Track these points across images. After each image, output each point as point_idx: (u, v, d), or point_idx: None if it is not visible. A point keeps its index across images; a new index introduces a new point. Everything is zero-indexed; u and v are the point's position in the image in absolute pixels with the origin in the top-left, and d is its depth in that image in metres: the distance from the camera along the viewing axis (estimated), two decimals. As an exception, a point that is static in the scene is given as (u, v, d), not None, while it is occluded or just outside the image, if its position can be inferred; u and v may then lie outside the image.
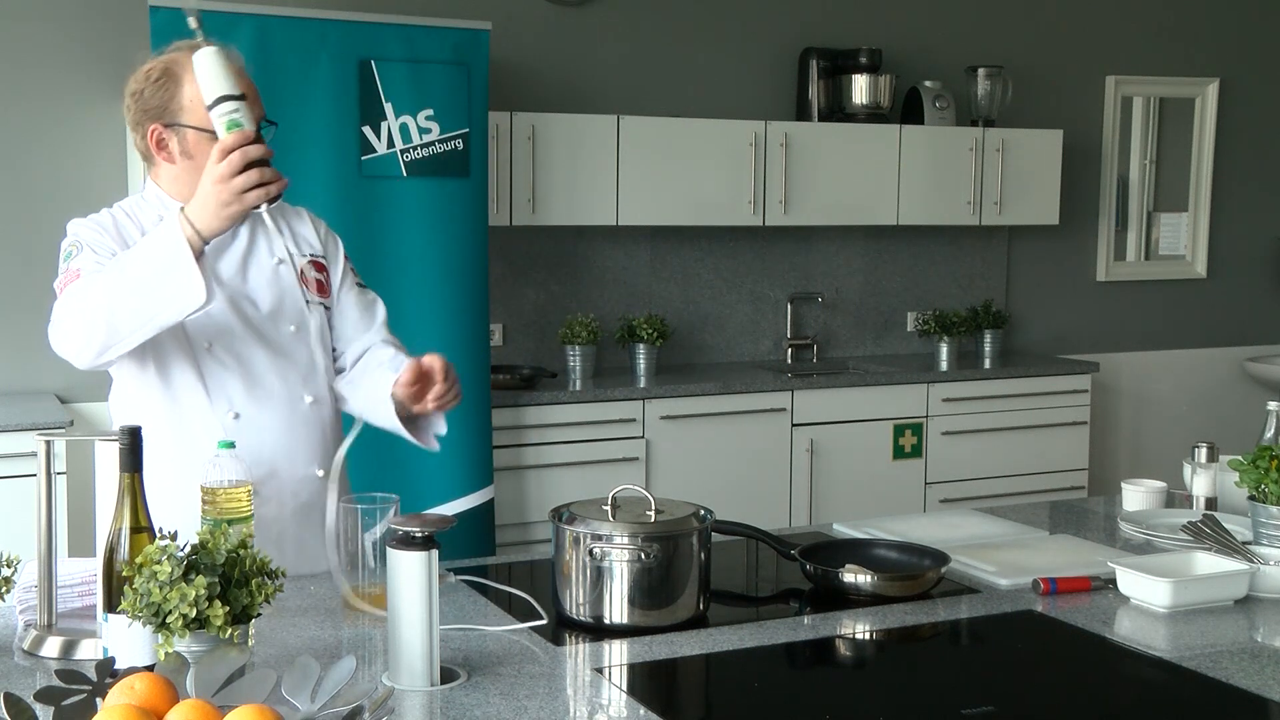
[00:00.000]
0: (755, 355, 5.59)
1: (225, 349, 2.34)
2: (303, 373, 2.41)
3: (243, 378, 2.35)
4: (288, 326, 2.40)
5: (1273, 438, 2.64)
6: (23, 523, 3.21)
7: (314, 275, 2.46)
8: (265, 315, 2.38)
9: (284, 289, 2.40)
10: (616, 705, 1.78)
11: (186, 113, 2.30)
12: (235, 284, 2.36)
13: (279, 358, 2.38)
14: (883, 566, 2.27)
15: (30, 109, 4.42)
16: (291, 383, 2.39)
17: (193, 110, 2.28)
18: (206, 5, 3.98)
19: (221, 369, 2.34)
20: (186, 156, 2.32)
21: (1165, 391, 6.35)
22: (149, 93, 2.32)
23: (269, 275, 2.39)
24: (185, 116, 2.30)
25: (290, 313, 2.40)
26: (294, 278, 2.41)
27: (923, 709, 1.78)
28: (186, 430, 2.32)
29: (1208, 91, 6.31)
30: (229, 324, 2.34)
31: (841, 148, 5.26)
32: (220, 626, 1.66)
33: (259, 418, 2.35)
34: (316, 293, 2.45)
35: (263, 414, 2.36)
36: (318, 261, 2.47)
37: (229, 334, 2.34)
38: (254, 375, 2.36)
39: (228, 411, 2.33)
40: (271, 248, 2.40)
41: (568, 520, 2.08)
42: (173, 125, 2.31)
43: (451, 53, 4.33)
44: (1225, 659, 1.93)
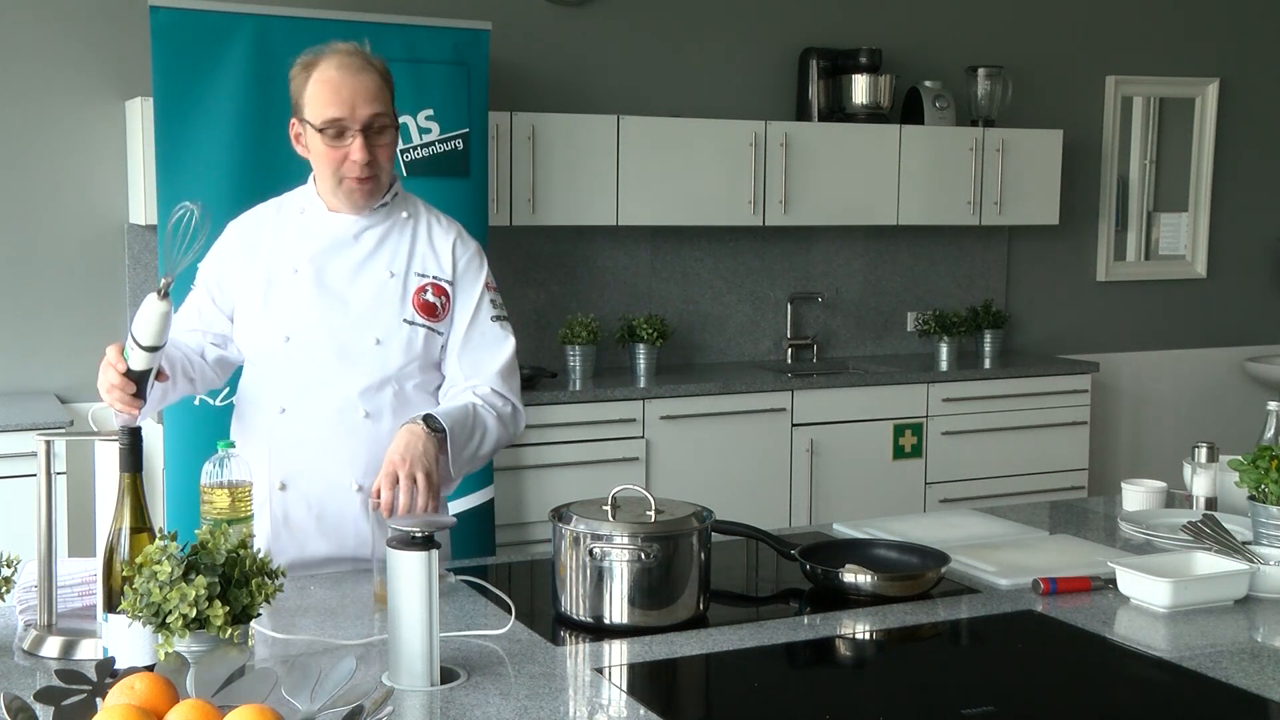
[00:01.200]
0: (755, 355, 5.59)
1: (299, 344, 2.39)
2: (367, 386, 2.39)
3: (302, 376, 2.39)
4: (371, 338, 2.40)
5: (1273, 438, 2.64)
6: (23, 523, 3.21)
7: (428, 297, 2.45)
8: (350, 320, 2.40)
9: (382, 302, 2.41)
10: (616, 705, 1.78)
11: (306, 108, 2.36)
12: (338, 287, 2.41)
13: (349, 366, 2.39)
14: (883, 566, 2.27)
15: (30, 109, 4.42)
16: (348, 393, 2.38)
17: (309, 105, 2.35)
18: (207, 5, 3.99)
19: (287, 362, 2.40)
20: (308, 150, 2.40)
21: (1165, 391, 6.35)
22: (293, 87, 2.40)
23: (375, 285, 2.42)
24: (306, 111, 2.37)
25: (379, 325, 2.40)
26: (399, 294, 2.43)
27: (923, 709, 1.78)
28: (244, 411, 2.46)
29: (1208, 91, 6.31)
30: (313, 322, 2.39)
31: (841, 148, 5.26)
32: (220, 626, 1.66)
33: (302, 418, 2.39)
34: (423, 314, 2.44)
35: (307, 415, 2.39)
36: (439, 285, 2.46)
37: (308, 331, 2.39)
38: (313, 376, 2.39)
39: (277, 405, 2.40)
40: (392, 262, 2.44)
41: (568, 520, 2.08)
42: (302, 120, 2.38)
43: (451, 53, 4.32)
44: (1225, 659, 1.93)
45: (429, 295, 2.45)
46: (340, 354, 2.39)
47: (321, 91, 2.33)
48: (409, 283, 2.44)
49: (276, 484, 2.38)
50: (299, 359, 2.39)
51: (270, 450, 2.39)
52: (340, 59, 2.35)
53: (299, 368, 2.39)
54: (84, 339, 4.49)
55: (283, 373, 2.40)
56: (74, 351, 4.48)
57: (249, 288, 2.43)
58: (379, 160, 2.37)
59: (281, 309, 2.40)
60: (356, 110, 2.33)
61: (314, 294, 2.40)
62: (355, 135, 2.33)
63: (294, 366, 2.39)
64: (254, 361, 2.45)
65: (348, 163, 2.35)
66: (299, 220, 2.45)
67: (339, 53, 2.36)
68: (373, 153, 2.34)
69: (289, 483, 2.39)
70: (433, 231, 2.50)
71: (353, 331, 2.40)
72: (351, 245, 2.43)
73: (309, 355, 2.39)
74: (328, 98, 2.32)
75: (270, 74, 4.01)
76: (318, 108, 2.33)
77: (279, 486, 2.39)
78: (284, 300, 2.41)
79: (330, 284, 2.41)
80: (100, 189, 4.51)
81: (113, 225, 4.52)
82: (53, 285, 4.47)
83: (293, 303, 2.40)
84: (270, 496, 2.37)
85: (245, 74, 3.99)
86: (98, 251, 4.51)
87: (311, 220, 2.45)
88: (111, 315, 4.53)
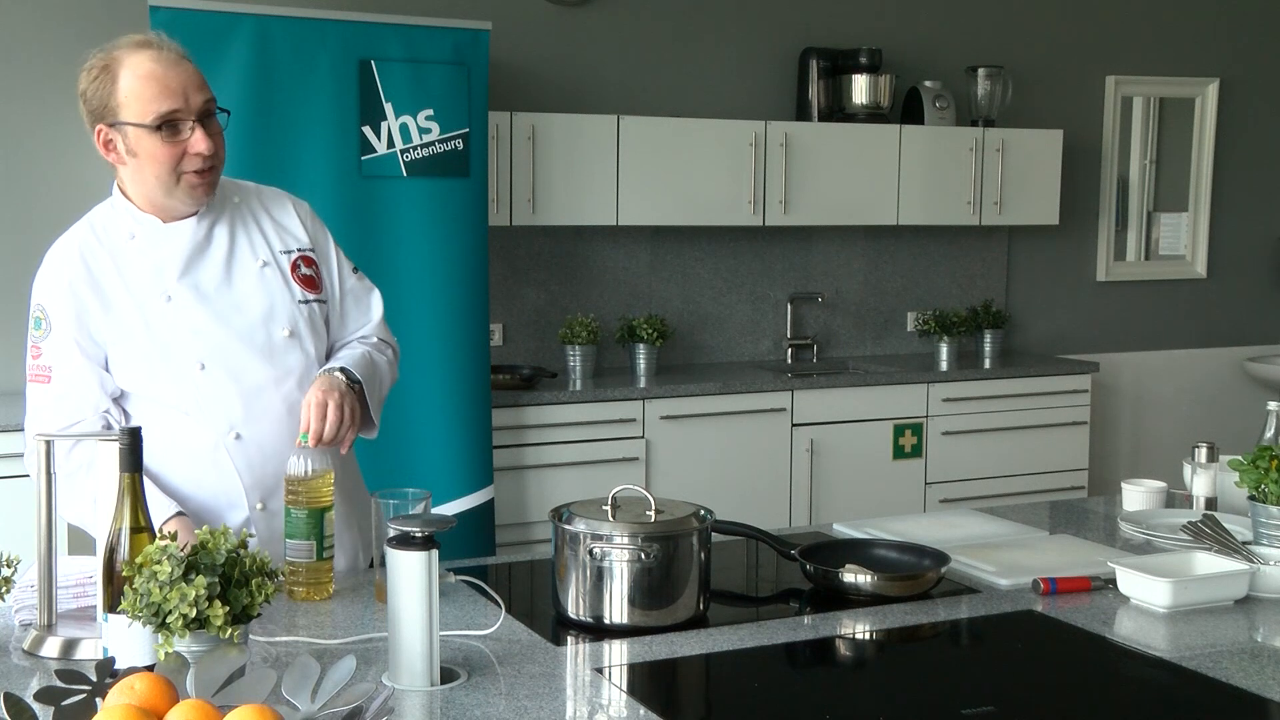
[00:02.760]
0: (755, 355, 5.59)
1: (219, 366, 2.25)
2: (299, 377, 2.30)
3: (240, 395, 2.26)
4: (280, 331, 2.30)
5: (1273, 438, 2.64)
6: (23, 523, 3.21)
7: (304, 271, 2.35)
8: (256, 323, 2.29)
9: (272, 292, 2.31)
10: (616, 705, 1.78)
11: (125, 109, 2.18)
12: (221, 294, 2.28)
13: (273, 366, 2.29)
14: (883, 566, 2.27)
15: (29, 109, 4.42)
16: (288, 390, 2.29)
17: (129, 106, 2.17)
18: (207, 5, 3.99)
19: (216, 388, 2.25)
20: (133, 155, 2.22)
21: (1165, 391, 6.35)
22: (91, 93, 2.20)
23: (255, 279, 2.30)
24: (124, 113, 2.18)
25: (281, 316, 2.31)
26: (280, 278, 2.33)
27: (923, 709, 1.78)
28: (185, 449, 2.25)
29: (1208, 91, 6.31)
30: (220, 339, 2.26)
31: (841, 148, 5.26)
32: (220, 626, 1.66)
33: (260, 435, 2.27)
34: (307, 289, 2.35)
35: (263, 430, 2.27)
36: (306, 256, 2.37)
37: (221, 350, 2.26)
38: (250, 389, 2.26)
39: (229, 432, 2.26)
40: (254, 249, 2.32)
41: (568, 520, 2.08)
42: (115, 124, 2.20)
43: (451, 53, 4.33)
44: (1225, 659, 1.93)
45: (304, 269, 2.35)
46: (264, 359, 2.28)
47: (145, 87, 2.16)
48: (282, 264, 2.33)
49: (257, 506, 2.29)
50: (225, 379, 2.25)
51: (241, 476, 2.27)
52: (151, 52, 2.18)
53: (230, 388, 2.25)
54: (84, 339, 4.49)
55: (216, 398, 2.24)
56: (74, 351, 4.48)
57: (117, 331, 2.24)
58: (219, 150, 2.23)
59: (177, 339, 2.24)
60: (190, 99, 2.18)
61: (203, 312, 2.25)
62: (194, 126, 2.18)
63: (224, 389, 2.25)
64: (165, 399, 2.25)
65: (188, 157, 2.19)
66: (133, 245, 2.27)
67: (146, 44, 2.19)
68: (213, 142, 2.20)
69: (267, 500, 2.29)
70: (269, 205, 2.38)
71: (262, 332, 2.28)
72: (208, 249, 2.29)
73: (234, 372, 2.26)
74: (155, 92, 2.16)
75: (270, 74, 4.02)
76: (144, 104, 2.15)
77: (259, 508, 2.29)
78: (175, 330, 2.24)
79: (211, 295, 2.27)
80: (100, 189, 4.49)
81: (113, 225, 4.52)
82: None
83: (186, 329, 2.25)
84: (252, 521, 2.29)
85: (245, 74, 3.99)
86: (98, 251, 4.51)
87: (148, 242, 2.27)
88: (111, 315, 4.53)
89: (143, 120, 2.17)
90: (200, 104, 2.20)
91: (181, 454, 2.26)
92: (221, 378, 2.25)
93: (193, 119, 2.19)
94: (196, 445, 2.26)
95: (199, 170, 2.21)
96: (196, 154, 2.19)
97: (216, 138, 2.22)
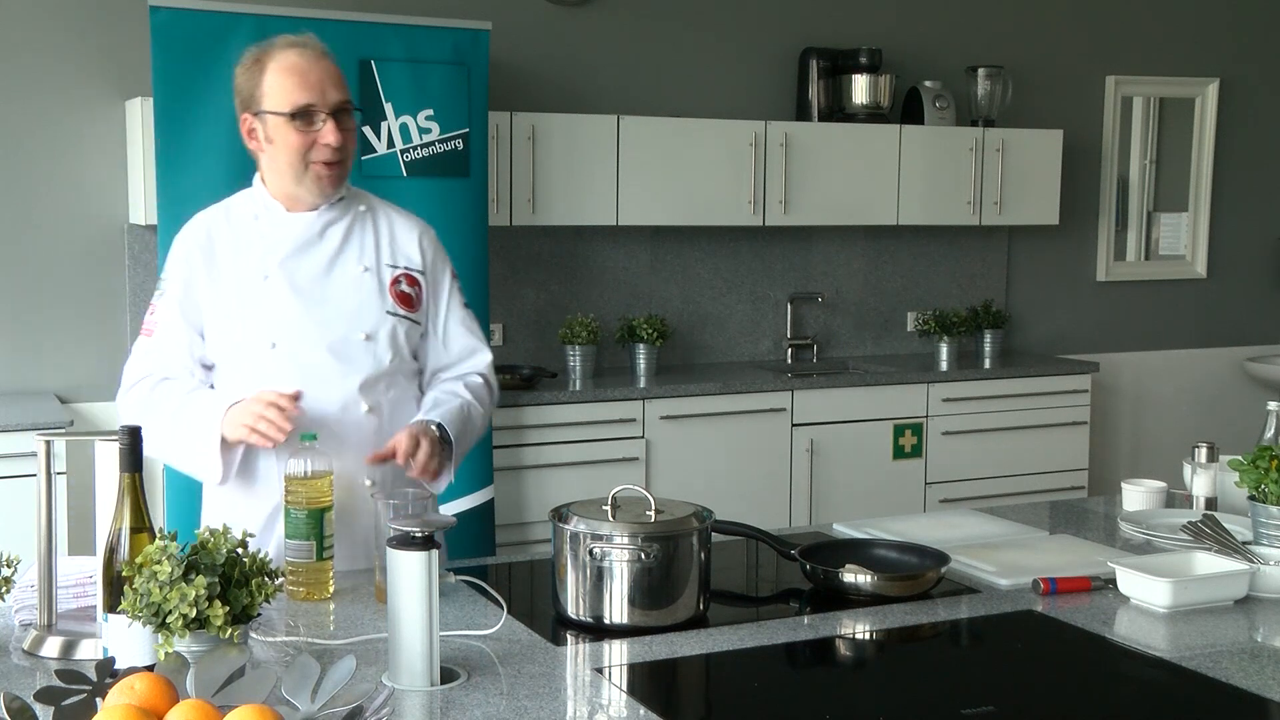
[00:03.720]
0: (755, 355, 5.59)
1: (288, 350, 2.37)
2: (363, 380, 2.40)
3: (301, 380, 2.35)
4: (358, 334, 2.41)
5: (1273, 438, 2.64)
6: (23, 523, 3.21)
7: (404, 288, 2.47)
8: (337, 318, 2.40)
9: (364, 296, 2.42)
10: (616, 705, 1.78)
11: (267, 98, 2.34)
12: (314, 286, 2.40)
13: (341, 362, 2.39)
14: (883, 566, 2.27)
15: (30, 109, 4.42)
16: (350, 389, 2.39)
17: (270, 95, 2.34)
18: (207, 5, 3.99)
19: (279, 370, 2.36)
20: (269, 142, 2.37)
21: (1165, 391, 6.35)
22: (241, 83, 2.38)
23: (351, 280, 2.42)
24: (266, 102, 2.34)
25: (365, 320, 2.42)
26: (377, 286, 2.43)
27: (923, 709, 1.78)
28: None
29: (1208, 91, 6.31)
30: (297, 325, 2.38)
31: (841, 148, 5.26)
32: (220, 626, 1.66)
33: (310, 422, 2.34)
34: (401, 304, 2.46)
35: (312, 418, 2.35)
36: (412, 276, 2.49)
37: (295, 335, 2.37)
38: (311, 378, 2.36)
39: None
40: (361, 255, 2.44)
41: (568, 520, 2.08)
42: (258, 113, 2.36)
43: (451, 53, 4.32)
44: (1225, 659, 1.93)
45: (404, 286, 2.47)
46: (333, 353, 2.39)
47: (286, 79, 2.33)
48: (383, 275, 2.45)
49: None
50: (289, 364, 2.36)
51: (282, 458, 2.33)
52: (298, 49, 2.36)
53: (290, 373, 2.36)
54: (84, 339, 4.49)
55: (276, 379, 2.35)
56: (74, 351, 4.48)
57: (216, 301, 2.40)
58: (348, 145, 2.39)
59: (260, 317, 2.37)
60: (326, 94, 2.35)
61: (291, 297, 2.38)
62: (326, 119, 2.34)
63: (285, 372, 2.36)
64: (238, 373, 2.39)
65: (318, 147, 2.35)
66: (255, 226, 2.43)
67: (294, 43, 2.37)
68: (342, 136, 2.36)
69: None
70: (394, 223, 2.52)
71: (340, 329, 2.40)
72: (318, 243, 2.42)
73: (299, 359, 2.37)
74: (295, 84, 2.33)
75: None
76: (283, 95, 2.33)
77: None
78: (261, 308, 2.38)
79: (305, 285, 2.40)
80: (100, 189, 4.51)
81: (113, 225, 4.52)
82: (53, 285, 4.47)
83: (271, 309, 2.38)
84: None
85: (245, 74, 3.99)
86: (98, 251, 4.51)
87: (269, 224, 2.42)
88: (111, 315, 4.53)
89: (280, 109, 2.34)
90: (335, 100, 2.35)
91: None
92: (287, 361, 2.37)
93: (326, 112, 2.34)
94: None
95: (327, 161, 2.36)
96: (325, 144, 2.34)
97: (347, 134, 2.38)
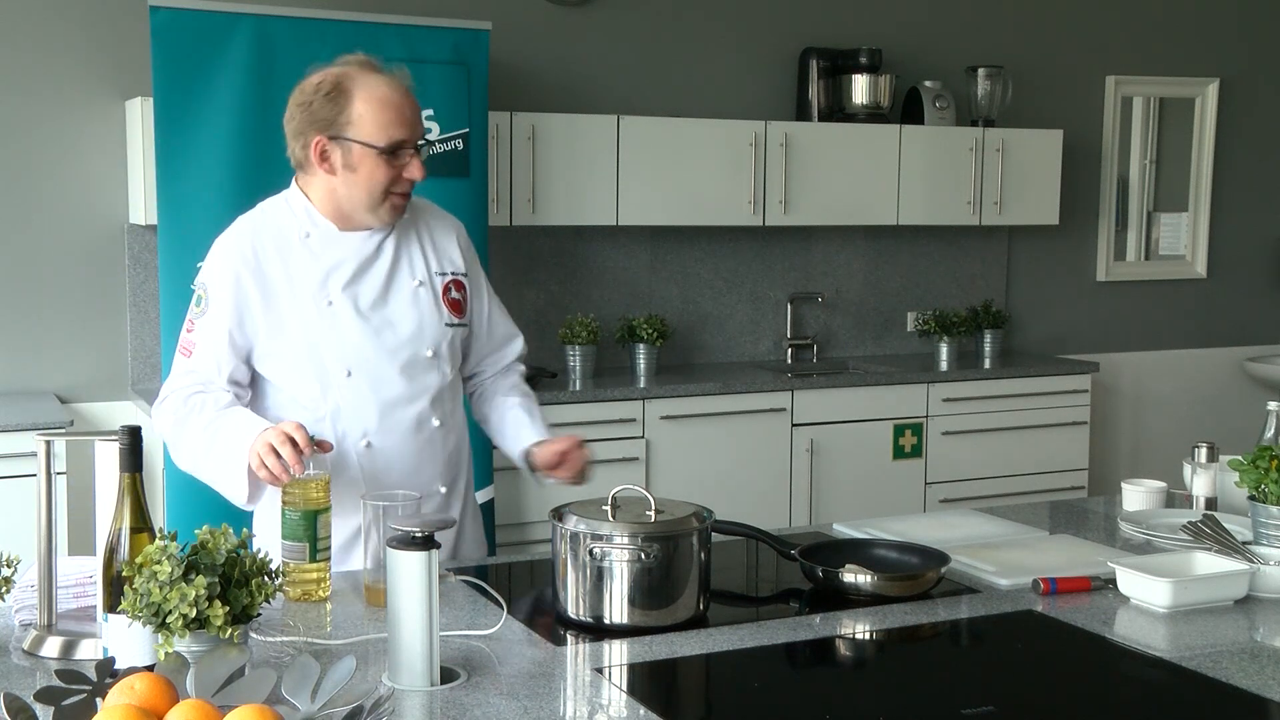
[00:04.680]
0: (755, 355, 5.59)
1: (363, 376, 2.39)
2: (432, 396, 2.45)
3: (378, 406, 2.39)
4: (425, 351, 2.44)
5: (1273, 438, 2.64)
6: (23, 523, 3.21)
7: (454, 295, 2.50)
8: (404, 340, 2.43)
9: (423, 312, 2.44)
10: (616, 705, 1.78)
11: (354, 127, 2.32)
12: (377, 309, 2.41)
13: (413, 383, 2.42)
14: (883, 566, 2.27)
15: (30, 109, 4.42)
16: (420, 408, 2.43)
17: (360, 125, 2.32)
18: (207, 5, 3.99)
19: (357, 397, 2.38)
20: (350, 169, 2.35)
21: (1165, 391, 6.35)
22: (318, 105, 2.34)
23: (409, 298, 2.44)
24: (353, 131, 2.33)
25: (428, 337, 2.44)
26: (432, 299, 2.46)
27: (923, 709, 1.78)
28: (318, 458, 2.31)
29: (1208, 91, 6.31)
30: (369, 351, 2.39)
31: (841, 148, 5.26)
32: (220, 626, 1.66)
33: (389, 445, 2.41)
34: (454, 313, 2.49)
35: (392, 441, 2.41)
36: (458, 280, 2.51)
37: (368, 361, 2.39)
38: (388, 402, 2.40)
39: (361, 439, 2.39)
40: (413, 269, 2.45)
41: (567, 520, 2.08)
42: (338, 138, 2.33)
43: (451, 53, 4.32)
44: (1225, 659, 1.93)
45: (454, 294, 2.50)
46: (405, 375, 2.42)
47: (383, 113, 2.32)
48: (435, 286, 2.48)
49: None
50: (366, 390, 2.39)
51: (364, 481, 2.39)
52: (386, 80, 2.36)
53: (370, 400, 2.39)
54: (84, 339, 4.50)
55: (356, 407, 2.38)
56: (74, 351, 4.48)
57: (275, 327, 2.38)
58: None
59: (331, 345, 2.37)
60: (415, 129, 2.37)
61: (358, 322, 2.39)
62: (412, 154, 2.36)
63: (365, 399, 2.39)
64: (311, 401, 2.39)
65: (402, 180, 2.36)
66: (306, 245, 2.40)
67: (376, 68, 2.37)
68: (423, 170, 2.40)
69: None
70: (433, 227, 2.53)
71: (409, 351, 2.42)
72: (374, 262, 2.42)
73: (376, 385, 2.39)
74: (391, 118, 2.32)
75: (270, 74, 4.01)
76: (379, 129, 2.32)
77: None
78: (330, 335, 2.38)
79: (368, 309, 2.40)
80: (100, 189, 4.51)
81: (113, 225, 4.52)
82: (53, 285, 4.47)
83: (341, 337, 2.38)
84: None
85: (245, 74, 3.99)
86: (98, 251, 4.51)
87: (321, 244, 2.41)
88: (111, 315, 4.53)
89: (374, 141, 2.32)
90: (420, 134, 2.38)
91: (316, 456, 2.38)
92: (364, 388, 2.39)
93: (414, 146, 2.36)
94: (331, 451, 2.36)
95: (403, 193, 2.39)
96: (409, 179, 2.37)
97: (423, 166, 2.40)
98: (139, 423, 3.26)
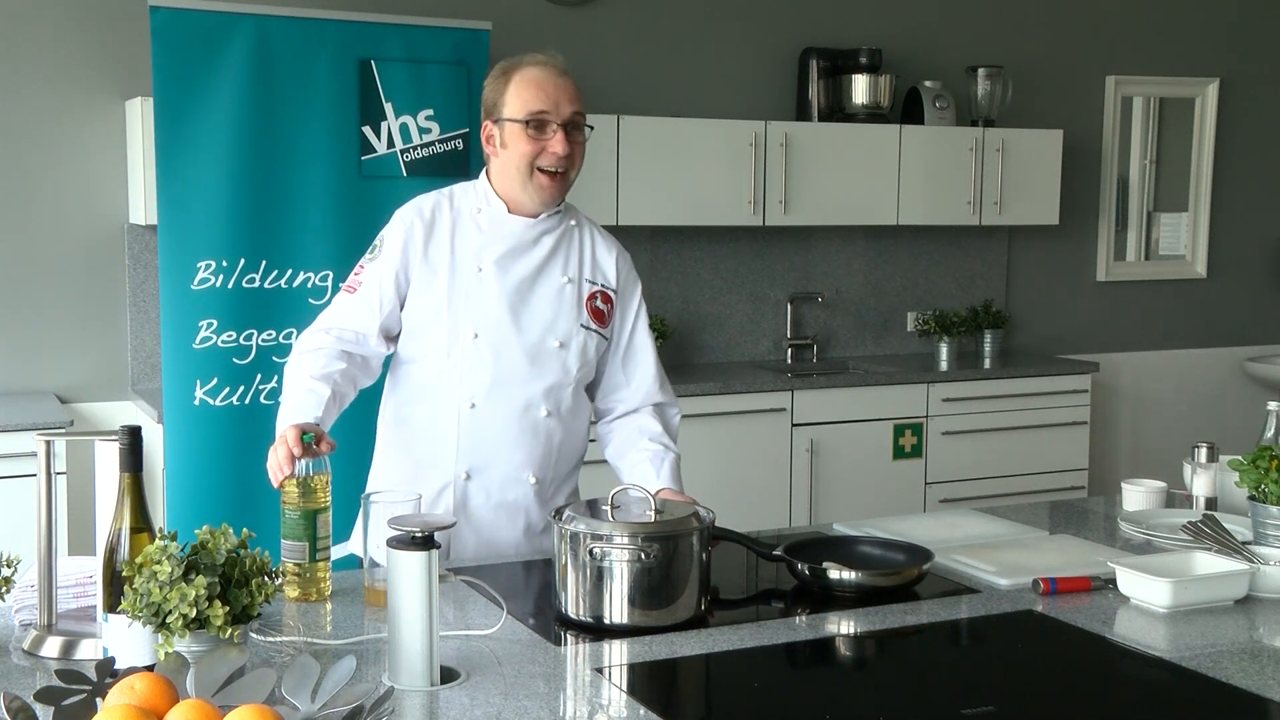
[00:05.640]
0: (755, 355, 5.59)
1: (487, 342, 2.48)
2: (550, 386, 2.52)
3: (493, 373, 2.48)
4: (553, 341, 2.52)
5: (1273, 438, 2.64)
6: (23, 523, 3.21)
7: (598, 305, 2.60)
8: (536, 323, 2.51)
9: (562, 306, 2.54)
10: (616, 705, 1.78)
11: (506, 107, 2.47)
12: (521, 289, 2.51)
13: (533, 366, 2.50)
14: (866, 563, 2.28)
15: (30, 109, 4.42)
16: (534, 392, 2.51)
17: (510, 104, 2.46)
18: (207, 5, 3.98)
19: (477, 359, 2.48)
20: (503, 147, 2.48)
21: (1165, 391, 6.35)
22: (487, 93, 2.52)
23: (554, 290, 2.54)
24: (505, 110, 2.47)
25: (560, 328, 2.53)
26: (575, 298, 2.56)
27: (923, 709, 1.78)
28: (428, 402, 2.51)
29: (1208, 91, 6.31)
30: (500, 321, 2.49)
31: (841, 148, 5.26)
32: (220, 626, 1.66)
33: (491, 414, 2.49)
34: (594, 319, 2.58)
35: (496, 411, 2.49)
36: (606, 294, 2.62)
37: (496, 330, 2.48)
38: (502, 375, 2.49)
39: (467, 400, 2.48)
40: (566, 266, 2.56)
41: (568, 520, 2.08)
42: (498, 120, 2.49)
43: (451, 53, 4.32)
44: (1225, 659, 1.93)
45: (599, 303, 2.60)
46: (527, 355, 2.50)
47: (526, 89, 2.46)
48: (582, 289, 2.57)
49: (462, 474, 2.50)
50: (488, 357, 2.48)
51: (459, 442, 2.49)
52: (543, 63, 2.49)
53: (488, 365, 2.48)
54: (84, 339, 4.50)
55: (473, 368, 2.48)
56: (74, 351, 4.48)
57: (428, 280, 2.50)
58: (574, 156, 2.49)
59: (468, 307, 2.48)
60: (561, 106, 2.46)
61: (499, 294, 2.49)
62: (557, 130, 2.45)
63: (483, 364, 2.48)
64: (436, 355, 2.50)
65: (545, 154, 2.46)
66: (476, 219, 2.53)
67: (540, 59, 2.50)
68: (570, 148, 2.47)
69: (473, 473, 2.51)
70: (596, 241, 2.64)
71: (538, 333, 2.51)
72: (531, 248, 2.53)
73: (498, 354, 2.48)
74: (533, 94, 2.45)
75: (270, 74, 4.01)
76: (521, 103, 2.45)
77: (464, 476, 2.51)
78: (470, 298, 2.49)
79: (514, 286, 2.50)
80: (100, 189, 4.51)
81: (113, 225, 4.53)
82: (53, 285, 4.47)
83: (479, 301, 2.49)
84: (454, 484, 2.50)
85: (245, 74, 3.98)
86: (98, 251, 4.51)
87: (489, 220, 2.53)
88: (111, 315, 4.53)
89: (516, 115, 2.46)
90: (568, 113, 2.48)
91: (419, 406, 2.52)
92: (485, 353, 2.48)
93: (558, 124, 2.46)
94: (437, 403, 2.50)
95: (552, 172, 2.47)
96: (552, 153, 2.46)
97: (576, 146, 2.49)
98: (139, 423, 3.26)
